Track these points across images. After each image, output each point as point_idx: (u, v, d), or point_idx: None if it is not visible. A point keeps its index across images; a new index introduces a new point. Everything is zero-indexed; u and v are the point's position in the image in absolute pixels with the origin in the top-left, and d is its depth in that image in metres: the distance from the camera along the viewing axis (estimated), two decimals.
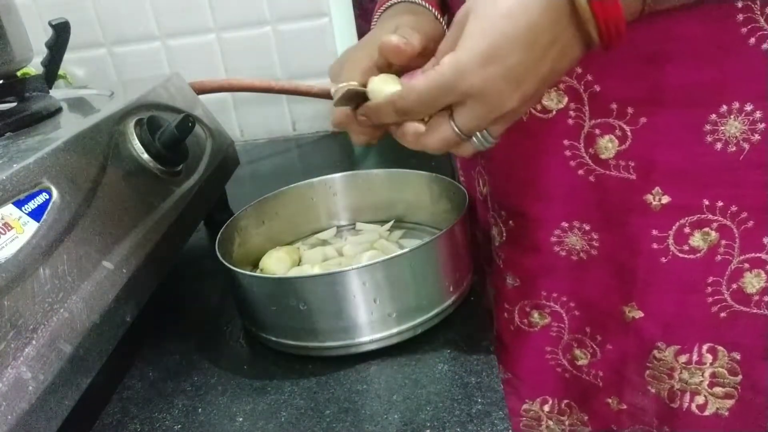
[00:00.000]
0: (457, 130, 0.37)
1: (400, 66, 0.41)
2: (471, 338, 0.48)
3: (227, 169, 0.73)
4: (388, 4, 0.51)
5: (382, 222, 0.65)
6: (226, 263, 0.48)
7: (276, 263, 0.58)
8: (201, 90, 0.97)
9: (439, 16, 0.49)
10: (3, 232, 0.36)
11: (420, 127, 0.38)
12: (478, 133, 0.37)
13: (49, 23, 0.56)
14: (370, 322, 0.46)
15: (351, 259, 0.58)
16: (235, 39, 1.04)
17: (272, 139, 1.12)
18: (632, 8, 0.34)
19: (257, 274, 0.57)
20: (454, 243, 0.50)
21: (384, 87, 0.39)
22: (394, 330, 0.47)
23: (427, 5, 0.50)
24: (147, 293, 0.47)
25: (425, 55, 0.40)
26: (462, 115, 0.36)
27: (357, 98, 0.41)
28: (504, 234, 0.58)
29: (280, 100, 1.09)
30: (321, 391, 0.44)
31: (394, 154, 0.96)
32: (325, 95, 1.05)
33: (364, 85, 0.41)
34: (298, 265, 0.59)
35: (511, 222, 0.56)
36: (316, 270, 0.56)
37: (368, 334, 0.46)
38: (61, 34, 0.57)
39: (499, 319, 0.61)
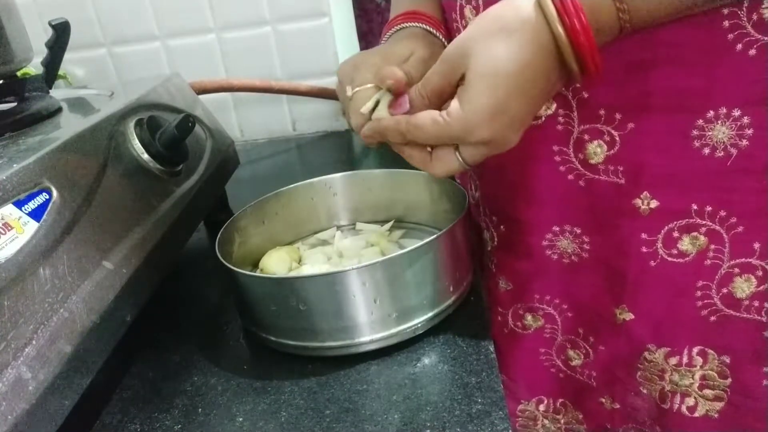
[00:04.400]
0: (462, 161, 0.41)
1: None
2: (471, 338, 0.48)
3: (227, 169, 0.73)
4: (401, 26, 0.52)
5: (382, 222, 0.65)
6: (226, 263, 0.48)
7: (276, 263, 0.58)
8: (201, 90, 0.97)
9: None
10: (3, 232, 0.36)
11: (427, 157, 0.42)
12: None
13: (49, 23, 0.56)
14: (370, 322, 0.46)
15: (351, 259, 0.58)
16: (235, 39, 1.04)
17: (272, 139, 1.12)
18: (608, 34, 0.37)
19: (257, 274, 0.57)
20: (454, 243, 0.50)
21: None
22: (394, 330, 0.47)
23: (439, 36, 0.52)
24: (147, 293, 0.47)
25: None
26: (468, 152, 0.40)
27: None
28: (496, 239, 0.59)
29: (280, 100, 1.09)
30: (321, 391, 0.44)
31: (394, 154, 0.96)
32: (325, 95, 1.05)
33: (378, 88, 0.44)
34: (298, 265, 0.59)
35: (502, 227, 0.57)
36: (316, 270, 0.56)
37: (368, 334, 0.46)
38: (61, 34, 0.57)
39: (492, 322, 0.62)
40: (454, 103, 0.39)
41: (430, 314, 0.48)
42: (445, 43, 0.52)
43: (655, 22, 0.37)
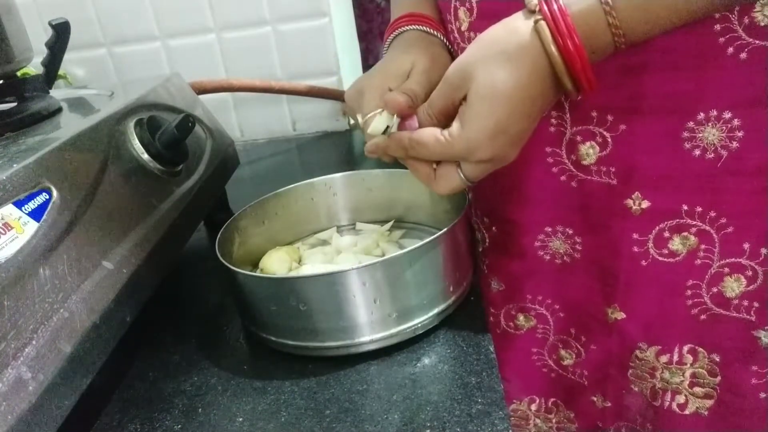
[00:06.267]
0: (464, 179, 0.42)
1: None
2: (471, 338, 0.48)
3: (227, 169, 0.73)
4: (402, 30, 0.52)
5: (382, 222, 0.65)
6: (226, 263, 0.48)
7: (276, 263, 0.58)
8: (201, 90, 0.97)
9: (449, 47, 0.53)
10: (3, 232, 0.36)
11: (431, 173, 0.44)
12: None
13: (49, 23, 0.56)
14: (370, 322, 0.46)
15: (350, 258, 0.58)
16: (235, 39, 1.04)
17: (272, 139, 1.12)
18: (604, 53, 0.38)
19: (257, 274, 0.57)
20: (454, 243, 0.50)
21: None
22: (394, 330, 0.47)
23: (439, 35, 0.52)
24: (147, 293, 0.47)
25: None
26: (470, 169, 0.42)
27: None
28: (487, 240, 0.59)
29: (280, 100, 1.09)
30: (321, 391, 0.44)
31: None
32: (325, 95, 1.05)
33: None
34: (298, 264, 0.59)
35: (494, 228, 0.57)
36: (316, 270, 0.56)
37: (368, 334, 0.46)
38: (61, 34, 0.57)
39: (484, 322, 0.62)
40: (456, 123, 0.40)
41: (430, 314, 0.48)
42: (446, 43, 0.53)
43: (651, 37, 0.37)
